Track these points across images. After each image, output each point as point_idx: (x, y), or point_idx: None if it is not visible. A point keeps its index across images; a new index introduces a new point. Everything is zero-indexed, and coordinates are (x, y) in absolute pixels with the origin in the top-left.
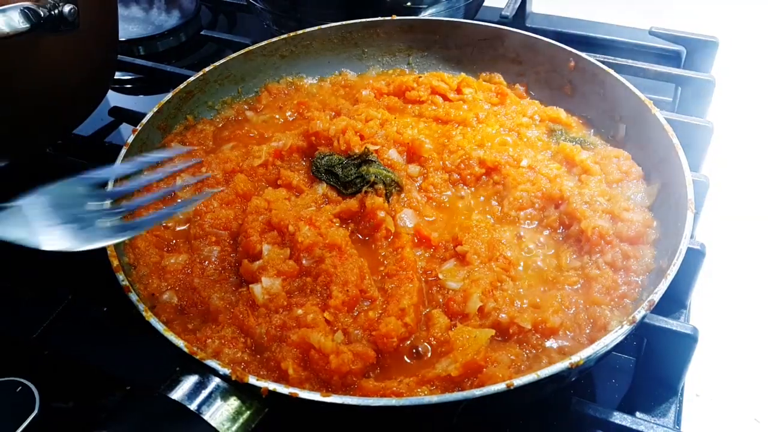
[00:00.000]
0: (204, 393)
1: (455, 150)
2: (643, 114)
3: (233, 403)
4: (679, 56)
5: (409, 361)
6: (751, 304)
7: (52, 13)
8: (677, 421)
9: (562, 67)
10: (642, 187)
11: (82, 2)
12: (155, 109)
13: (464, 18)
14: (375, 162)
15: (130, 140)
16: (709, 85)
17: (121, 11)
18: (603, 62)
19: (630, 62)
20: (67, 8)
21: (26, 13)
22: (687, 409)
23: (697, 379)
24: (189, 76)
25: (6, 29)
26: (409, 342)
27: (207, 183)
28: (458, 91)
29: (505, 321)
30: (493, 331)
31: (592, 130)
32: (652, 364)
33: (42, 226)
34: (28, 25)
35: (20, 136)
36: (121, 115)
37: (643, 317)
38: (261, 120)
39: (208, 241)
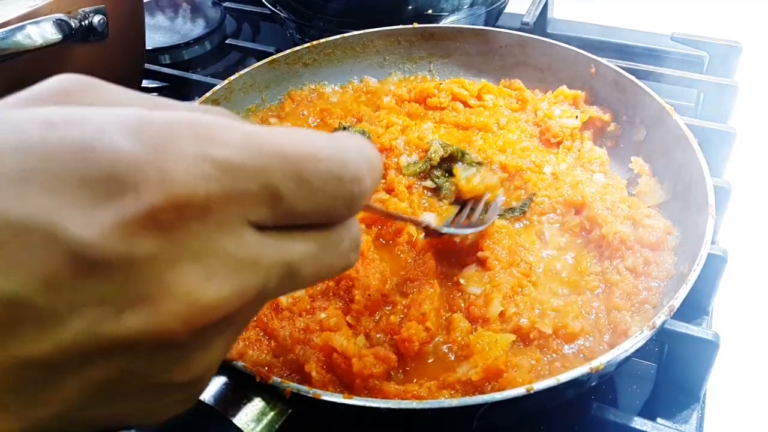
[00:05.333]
0: (229, 394)
1: (477, 152)
2: (663, 119)
3: (258, 404)
4: (702, 61)
5: (430, 364)
6: None
7: (83, 23)
8: (699, 427)
9: (582, 73)
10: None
11: (111, 13)
12: None
13: (485, 25)
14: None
15: None
16: (732, 90)
17: (148, 20)
18: (624, 68)
19: (651, 68)
20: (96, 19)
21: (59, 24)
22: (709, 415)
23: (719, 386)
24: (214, 85)
25: (39, 41)
26: (430, 346)
27: None
28: (479, 97)
29: (526, 326)
30: (513, 336)
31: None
32: (673, 371)
33: None
34: (60, 36)
35: None
36: None
37: (664, 323)
38: (285, 127)
39: None
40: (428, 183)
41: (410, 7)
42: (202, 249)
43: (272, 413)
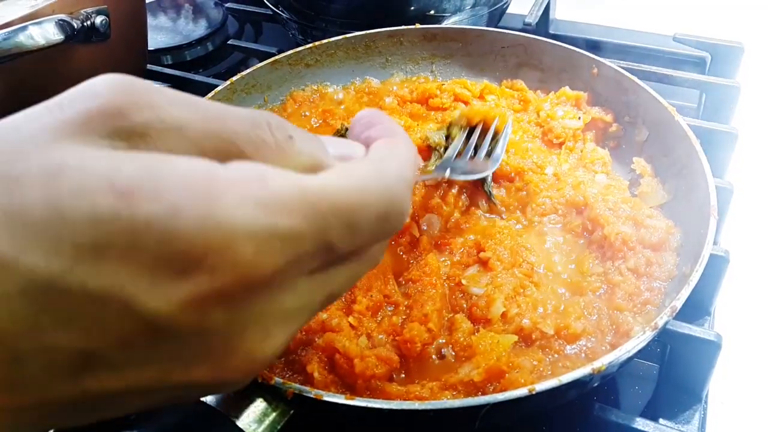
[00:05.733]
0: (231, 394)
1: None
2: (666, 120)
3: (260, 404)
4: (704, 62)
5: (432, 365)
6: None
7: (85, 24)
8: (702, 428)
9: (584, 74)
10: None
11: (113, 13)
12: None
13: (487, 26)
14: None
15: None
16: (734, 91)
17: (150, 21)
18: (626, 69)
19: (653, 68)
20: (99, 19)
21: (61, 24)
22: (711, 416)
23: (722, 387)
24: (217, 86)
25: (42, 41)
26: (432, 347)
27: None
28: (481, 98)
29: (528, 326)
30: (516, 337)
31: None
32: (675, 371)
33: None
34: (62, 37)
35: None
36: None
37: (666, 323)
38: None
39: None
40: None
41: (412, 8)
42: (264, 312)
43: (274, 414)
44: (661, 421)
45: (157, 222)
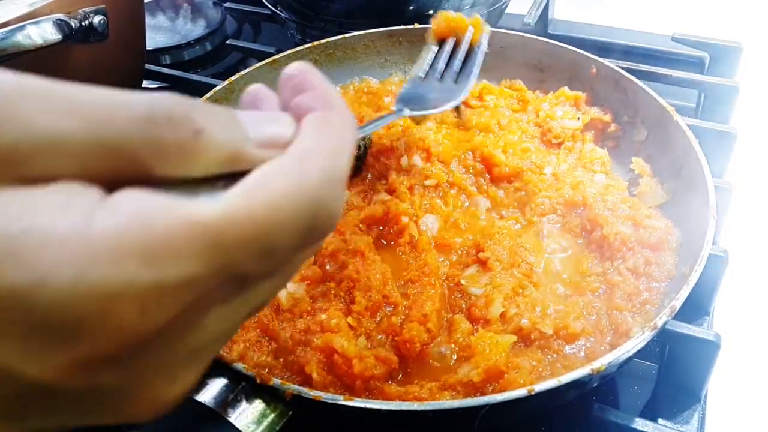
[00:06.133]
0: (230, 396)
1: (478, 147)
2: (665, 120)
3: (258, 405)
4: (703, 62)
5: (431, 365)
6: None
7: (83, 24)
8: (701, 428)
9: (583, 74)
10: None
11: (112, 13)
12: None
13: None
14: None
15: None
16: (733, 91)
17: (148, 21)
18: (625, 69)
19: (652, 68)
20: (96, 19)
21: (59, 24)
22: (710, 416)
23: (721, 387)
24: (215, 85)
25: (40, 41)
26: (431, 347)
27: None
28: (480, 98)
29: (527, 327)
30: (515, 337)
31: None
32: (674, 371)
33: None
34: (60, 37)
35: None
36: None
37: (665, 323)
38: None
39: None
40: None
41: (411, 8)
42: (166, 359)
43: (273, 415)
44: (660, 421)
45: (23, 292)
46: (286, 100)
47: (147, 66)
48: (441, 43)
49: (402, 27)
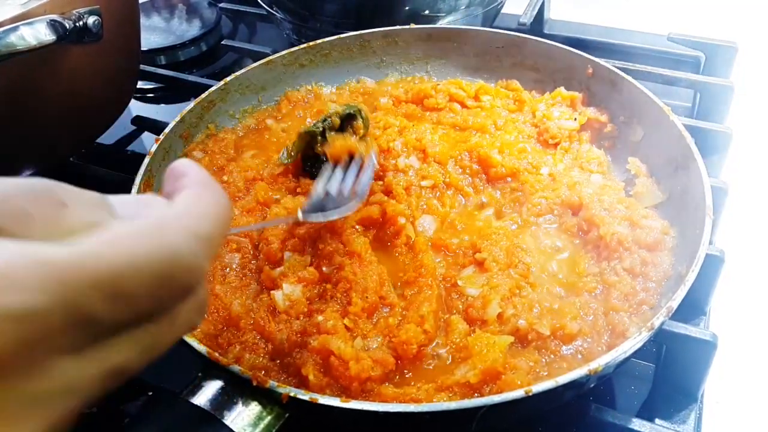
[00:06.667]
0: (226, 398)
1: (475, 148)
2: (661, 120)
3: (254, 408)
4: (698, 62)
5: (428, 366)
6: None
7: (77, 24)
8: (697, 428)
9: (579, 74)
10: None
11: (106, 14)
12: (178, 119)
13: (482, 26)
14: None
15: (153, 149)
16: (729, 90)
17: (143, 21)
18: (621, 68)
19: (648, 68)
20: (91, 20)
21: (53, 25)
22: (707, 416)
23: (717, 386)
24: (210, 86)
25: (33, 42)
26: (428, 348)
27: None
28: (476, 98)
29: (524, 327)
30: (512, 338)
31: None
32: (671, 371)
33: None
34: (54, 37)
35: (44, 146)
36: (144, 124)
37: (662, 324)
38: (281, 128)
39: (229, 249)
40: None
41: (407, 8)
42: (9, 402)
43: (269, 417)
44: (657, 421)
45: None
46: (167, 189)
47: (142, 67)
48: (336, 162)
49: (398, 27)
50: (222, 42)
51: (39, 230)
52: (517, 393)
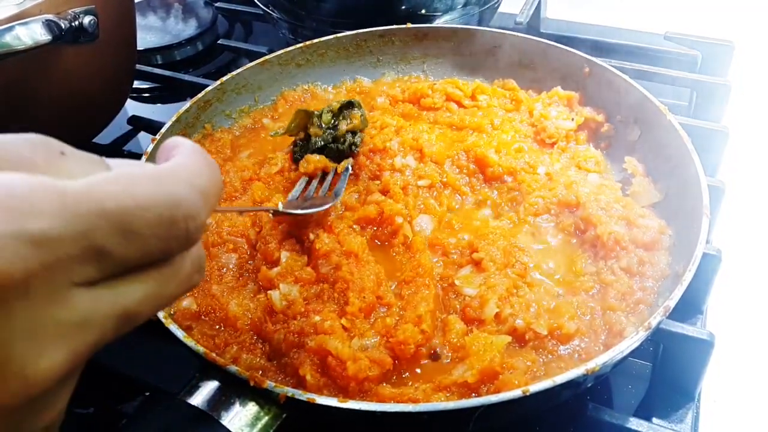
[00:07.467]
0: (223, 398)
1: (472, 148)
2: (657, 119)
3: (252, 408)
4: (695, 61)
5: (425, 366)
6: None
7: (73, 24)
8: (694, 427)
9: (576, 73)
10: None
11: (102, 13)
12: (174, 119)
13: (479, 25)
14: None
15: (149, 149)
16: (725, 89)
17: (139, 21)
18: (617, 68)
19: (645, 67)
20: (87, 20)
21: (48, 25)
22: (704, 415)
23: (714, 385)
24: (206, 86)
25: (29, 42)
26: (425, 348)
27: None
28: (473, 97)
29: (522, 327)
30: (509, 338)
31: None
32: (668, 370)
33: None
34: (50, 37)
35: None
36: (140, 124)
37: (659, 323)
38: (278, 127)
39: (226, 249)
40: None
41: (403, 7)
42: (30, 324)
43: (266, 418)
44: (654, 420)
45: None
46: (159, 161)
47: (138, 66)
48: (311, 178)
49: (394, 26)
50: (218, 41)
51: (42, 172)
52: (515, 393)
